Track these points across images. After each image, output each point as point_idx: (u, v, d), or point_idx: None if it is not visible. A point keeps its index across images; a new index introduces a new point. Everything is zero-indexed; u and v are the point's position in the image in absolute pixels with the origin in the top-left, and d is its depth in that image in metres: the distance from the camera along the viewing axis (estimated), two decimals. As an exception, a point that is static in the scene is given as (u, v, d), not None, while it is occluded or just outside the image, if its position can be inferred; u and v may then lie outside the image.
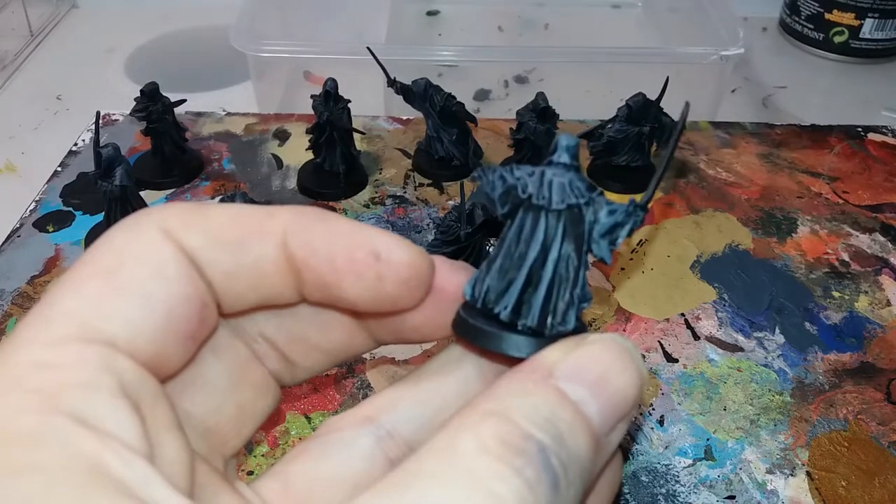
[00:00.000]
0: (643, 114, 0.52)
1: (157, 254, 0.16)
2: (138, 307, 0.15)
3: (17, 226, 0.52)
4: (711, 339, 0.44)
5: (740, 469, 0.38)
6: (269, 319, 0.19)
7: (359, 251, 0.17)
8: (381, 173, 0.56)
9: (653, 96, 0.52)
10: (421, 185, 0.55)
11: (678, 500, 0.36)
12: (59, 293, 0.15)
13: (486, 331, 0.18)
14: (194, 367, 0.18)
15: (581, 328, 0.18)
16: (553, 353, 0.17)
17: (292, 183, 0.55)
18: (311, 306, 0.19)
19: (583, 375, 0.16)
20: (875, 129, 0.62)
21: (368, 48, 0.53)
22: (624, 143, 0.53)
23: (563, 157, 0.18)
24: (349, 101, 0.53)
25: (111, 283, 0.15)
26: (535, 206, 0.18)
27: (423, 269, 0.18)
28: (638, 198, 0.18)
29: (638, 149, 0.54)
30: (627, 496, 0.36)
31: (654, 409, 0.40)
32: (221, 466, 0.18)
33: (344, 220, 0.18)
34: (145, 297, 0.16)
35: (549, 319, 0.18)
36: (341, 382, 0.41)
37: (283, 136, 0.60)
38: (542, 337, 0.18)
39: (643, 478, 0.37)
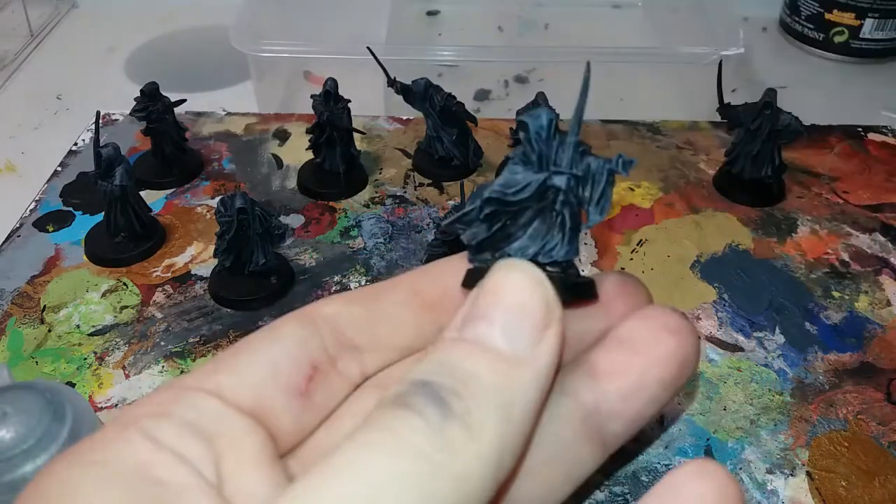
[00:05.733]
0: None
1: (283, 326, 0.19)
2: (245, 362, 0.18)
3: (17, 226, 0.52)
4: (711, 339, 0.44)
5: (740, 469, 0.38)
6: None
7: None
8: (381, 173, 0.56)
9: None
10: (421, 185, 0.55)
11: (678, 500, 0.36)
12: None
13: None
14: None
15: None
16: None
17: (292, 183, 0.55)
18: None
19: (472, 314, 0.17)
20: (875, 129, 0.62)
21: (368, 48, 0.53)
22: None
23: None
24: (349, 101, 0.53)
25: (236, 348, 0.19)
26: None
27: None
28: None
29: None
30: (628, 496, 0.36)
31: (654, 409, 0.40)
32: None
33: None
34: (253, 353, 0.18)
35: None
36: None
37: (283, 136, 0.60)
38: None
39: (643, 478, 0.37)
